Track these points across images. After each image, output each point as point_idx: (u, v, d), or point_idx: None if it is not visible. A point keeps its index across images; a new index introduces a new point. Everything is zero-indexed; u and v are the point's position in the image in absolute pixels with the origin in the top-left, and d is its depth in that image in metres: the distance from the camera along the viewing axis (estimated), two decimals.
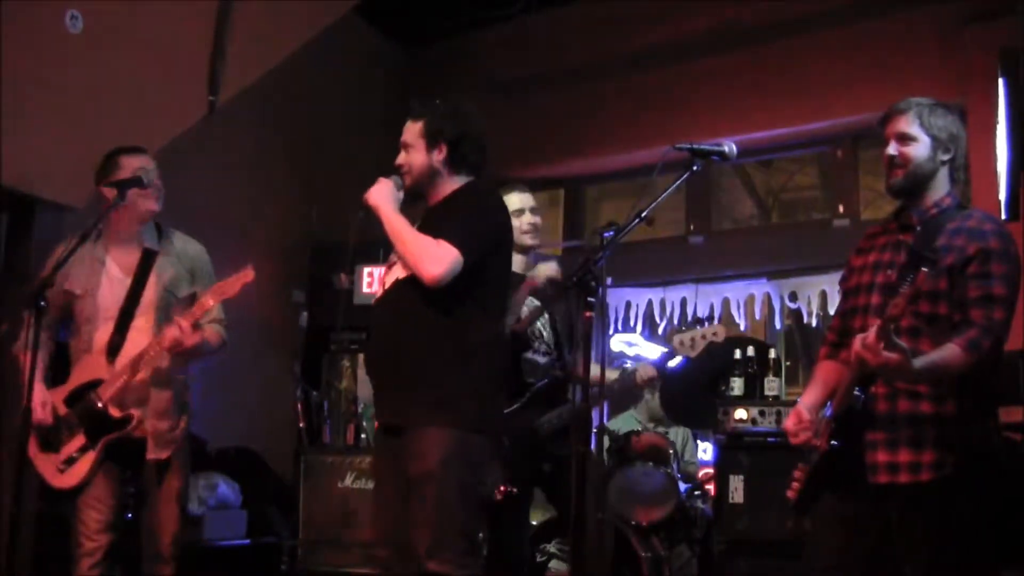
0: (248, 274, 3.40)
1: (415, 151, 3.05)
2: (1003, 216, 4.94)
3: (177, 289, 3.61)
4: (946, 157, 2.70)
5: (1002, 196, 4.94)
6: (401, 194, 3.08)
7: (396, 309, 2.99)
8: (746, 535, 4.54)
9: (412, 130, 3.07)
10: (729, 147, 2.87)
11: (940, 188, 2.72)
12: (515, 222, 3.61)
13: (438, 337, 2.92)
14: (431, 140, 3.03)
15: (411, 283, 2.92)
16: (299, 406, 5.70)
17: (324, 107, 6.67)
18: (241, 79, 5.36)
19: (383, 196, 3.01)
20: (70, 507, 3.50)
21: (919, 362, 2.40)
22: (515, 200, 3.76)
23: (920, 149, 2.69)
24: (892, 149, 2.71)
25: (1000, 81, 4.98)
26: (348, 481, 5.09)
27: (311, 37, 5.70)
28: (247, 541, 5.37)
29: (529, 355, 3.78)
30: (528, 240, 3.79)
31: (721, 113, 6.28)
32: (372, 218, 3.06)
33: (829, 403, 2.75)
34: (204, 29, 5.19)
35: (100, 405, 3.44)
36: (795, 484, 2.70)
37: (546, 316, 3.84)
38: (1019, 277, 2.58)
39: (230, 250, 4.01)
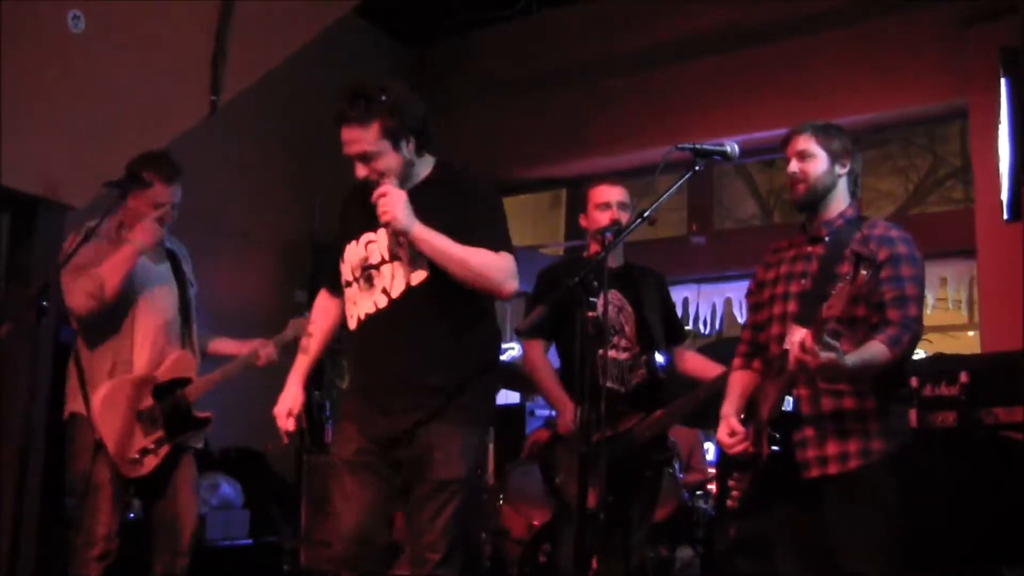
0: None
1: (383, 156, 2.80)
2: (1005, 216, 4.94)
3: (194, 288, 3.75)
4: (843, 171, 2.92)
5: (1004, 196, 4.94)
6: None
7: (411, 315, 2.83)
8: (748, 535, 4.52)
9: (366, 137, 2.81)
10: (731, 147, 2.85)
11: (842, 200, 2.93)
12: (599, 215, 3.59)
13: (459, 341, 2.85)
14: (396, 138, 2.80)
15: (429, 288, 2.80)
16: None
17: (326, 107, 6.63)
18: (243, 79, 5.35)
19: (409, 215, 2.72)
20: (80, 507, 3.47)
21: (850, 360, 2.55)
22: (602, 194, 3.68)
23: (819, 164, 2.90)
24: (793, 167, 2.91)
25: (1002, 81, 4.98)
26: None
27: (312, 37, 5.70)
28: (249, 541, 5.37)
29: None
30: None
31: (723, 113, 6.28)
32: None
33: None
34: (206, 29, 5.18)
35: (189, 404, 3.55)
36: (734, 493, 2.84)
37: (628, 307, 3.55)
38: (924, 277, 2.81)
39: (232, 250, 4.01)
